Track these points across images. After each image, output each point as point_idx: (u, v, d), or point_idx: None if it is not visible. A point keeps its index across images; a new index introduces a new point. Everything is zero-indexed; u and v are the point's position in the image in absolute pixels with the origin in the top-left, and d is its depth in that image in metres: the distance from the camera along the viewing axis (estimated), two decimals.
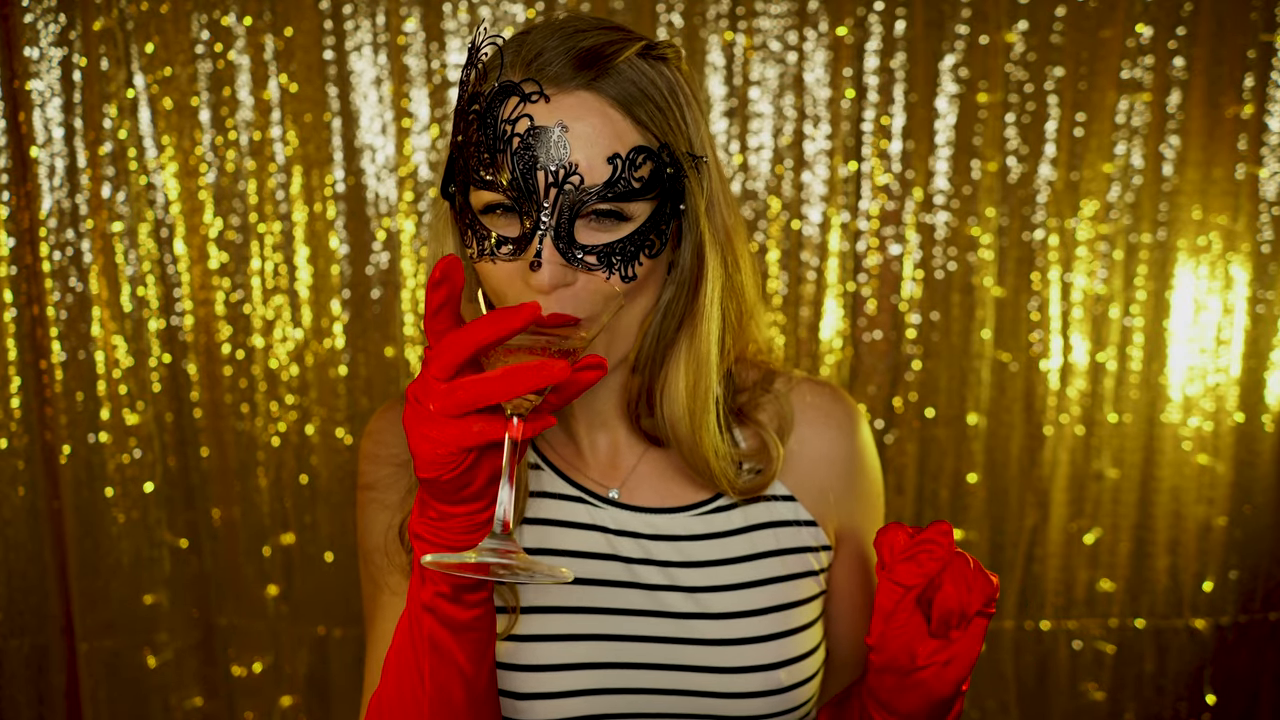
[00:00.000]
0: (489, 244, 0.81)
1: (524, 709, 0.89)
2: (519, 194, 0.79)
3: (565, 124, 0.78)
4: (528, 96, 0.78)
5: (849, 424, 1.03)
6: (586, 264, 0.80)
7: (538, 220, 0.78)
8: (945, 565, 0.78)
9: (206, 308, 2.01)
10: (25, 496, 1.97)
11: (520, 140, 0.77)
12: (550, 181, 0.78)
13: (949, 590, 0.77)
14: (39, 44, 1.89)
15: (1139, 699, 2.21)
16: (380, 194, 2.02)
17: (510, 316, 0.64)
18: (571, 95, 0.79)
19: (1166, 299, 2.11)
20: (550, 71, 0.79)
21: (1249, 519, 2.17)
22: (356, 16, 1.97)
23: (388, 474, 0.97)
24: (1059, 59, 2.03)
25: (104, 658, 2.01)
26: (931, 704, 0.79)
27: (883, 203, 2.08)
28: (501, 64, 0.80)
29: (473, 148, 0.80)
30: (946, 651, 0.78)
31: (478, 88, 0.81)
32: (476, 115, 0.80)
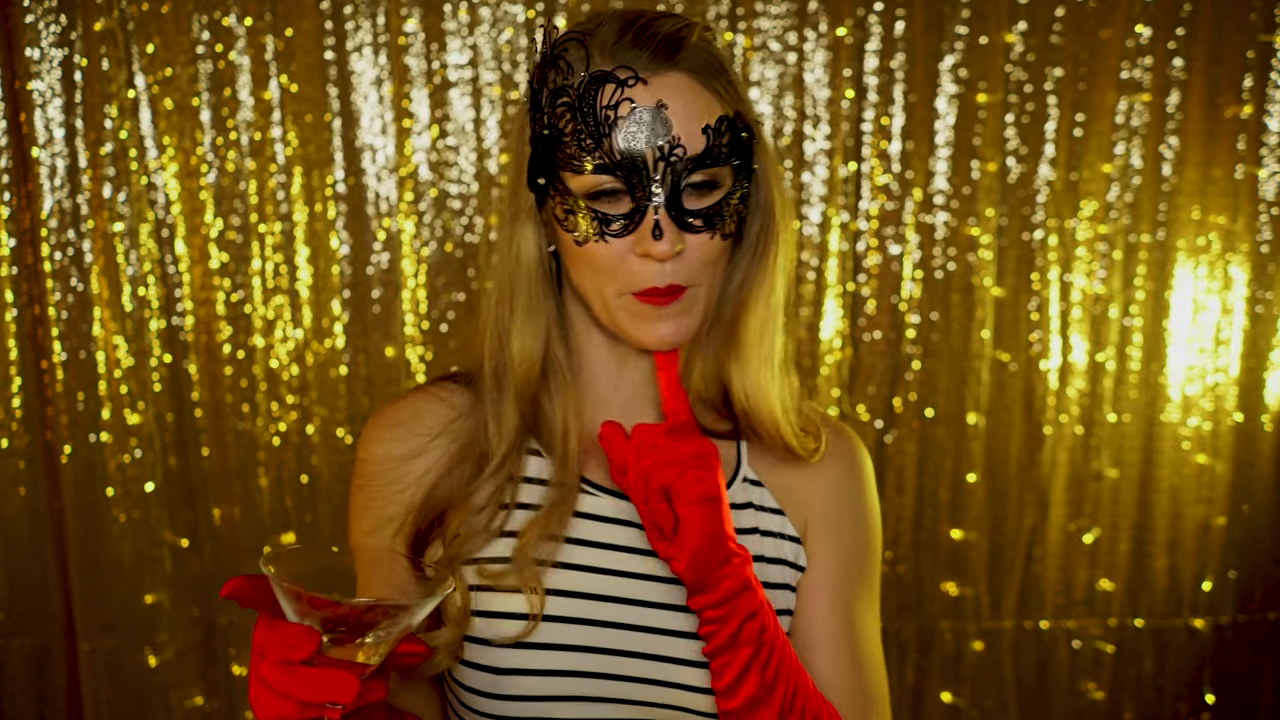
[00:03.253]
0: (597, 224, 0.87)
1: (501, 684, 0.90)
2: (629, 172, 0.85)
3: (664, 102, 0.85)
4: (624, 82, 0.84)
5: (853, 459, 1.03)
6: (694, 227, 0.87)
7: (649, 193, 0.85)
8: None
9: (207, 308, 2.01)
10: (26, 496, 1.98)
11: (624, 121, 0.84)
12: (658, 156, 0.84)
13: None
14: (40, 44, 1.89)
15: (1138, 698, 2.22)
16: (380, 194, 2.02)
17: (294, 647, 0.69)
18: (663, 76, 0.85)
19: (1166, 299, 2.11)
20: (641, 56, 0.85)
21: (1248, 518, 2.17)
22: (357, 17, 1.97)
23: (383, 471, 0.99)
24: (1058, 59, 2.04)
25: (105, 657, 2.01)
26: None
27: (882, 203, 2.08)
28: (587, 56, 0.86)
29: (569, 137, 0.86)
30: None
31: (559, 82, 0.87)
32: (567, 106, 0.86)
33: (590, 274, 0.90)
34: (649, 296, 0.87)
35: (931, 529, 2.16)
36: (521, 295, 0.95)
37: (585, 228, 0.87)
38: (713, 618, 0.84)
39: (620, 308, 0.90)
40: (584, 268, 0.90)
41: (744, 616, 0.84)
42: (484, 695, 0.92)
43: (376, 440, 1.00)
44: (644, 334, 0.90)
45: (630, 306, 0.89)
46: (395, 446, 0.99)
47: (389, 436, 0.99)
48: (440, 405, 1.00)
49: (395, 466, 0.98)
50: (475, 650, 0.92)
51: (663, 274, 0.86)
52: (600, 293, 0.90)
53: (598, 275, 0.89)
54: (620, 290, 0.89)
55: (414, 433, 0.99)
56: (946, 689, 2.20)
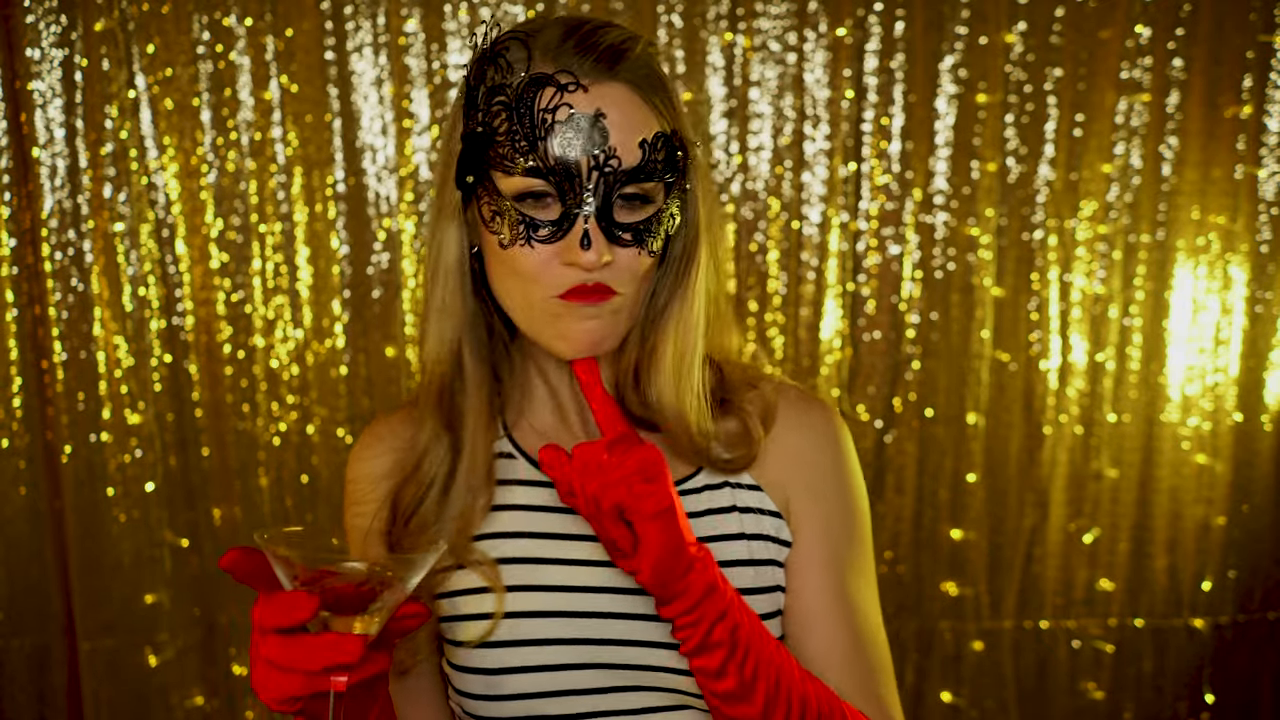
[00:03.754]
0: (523, 228, 0.86)
1: (496, 684, 0.91)
2: (561, 178, 0.84)
3: (603, 111, 0.84)
4: (564, 87, 0.83)
5: (827, 429, 1.01)
6: (623, 241, 0.86)
7: (581, 202, 0.84)
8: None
9: (207, 308, 2.02)
10: (26, 496, 1.98)
11: (562, 127, 0.83)
12: (592, 165, 0.84)
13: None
14: (40, 45, 1.89)
15: (1138, 698, 2.22)
16: (381, 194, 2.03)
17: (291, 610, 0.69)
18: (605, 85, 0.84)
19: (1165, 299, 2.12)
20: (583, 64, 0.84)
21: (1248, 518, 2.17)
22: (357, 17, 1.97)
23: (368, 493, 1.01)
24: (1058, 59, 2.04)
25: (105, 657, 2.01)
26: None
27: (882, 203, 2.08)
28: (529, 57, 0.85)
29: (503, 137, 0.85)
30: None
31: (497, 80, 0.86)
32: (504, 105, 0.85)
33: (512, 278, 0.88)
34: (574, 294, 0.86)
35: (931, 529, 2.16)
36: (438, 295, 0.94)
37: (511, 231, 0.86)
38: (685, 624, 0.84)
39: (544, 312, 0.88)
40: (507, 272, 0.88)
41: (714, 619, 0.84)
42: (484, 699, 0.92)
43: (357, 460, 1.02)
44: (564, 338, 0.88)
45: (553, 308, 0.87)
46: (374, 464, 1.01)
47: (367, 455, 1.02)
48: (408, 418, 1.02)
49: (375, 485, 1.00)
50: (468, 654, 0.93)
51: (587, 277, 0.85)
52: (522, 297, 0.89)
53: (521, 280, 0.88)
54: (546, 294, 0.87)
55: (392, 449, 1.01)
56: (946, 689, 2.20)
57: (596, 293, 0.86)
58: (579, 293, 0.86)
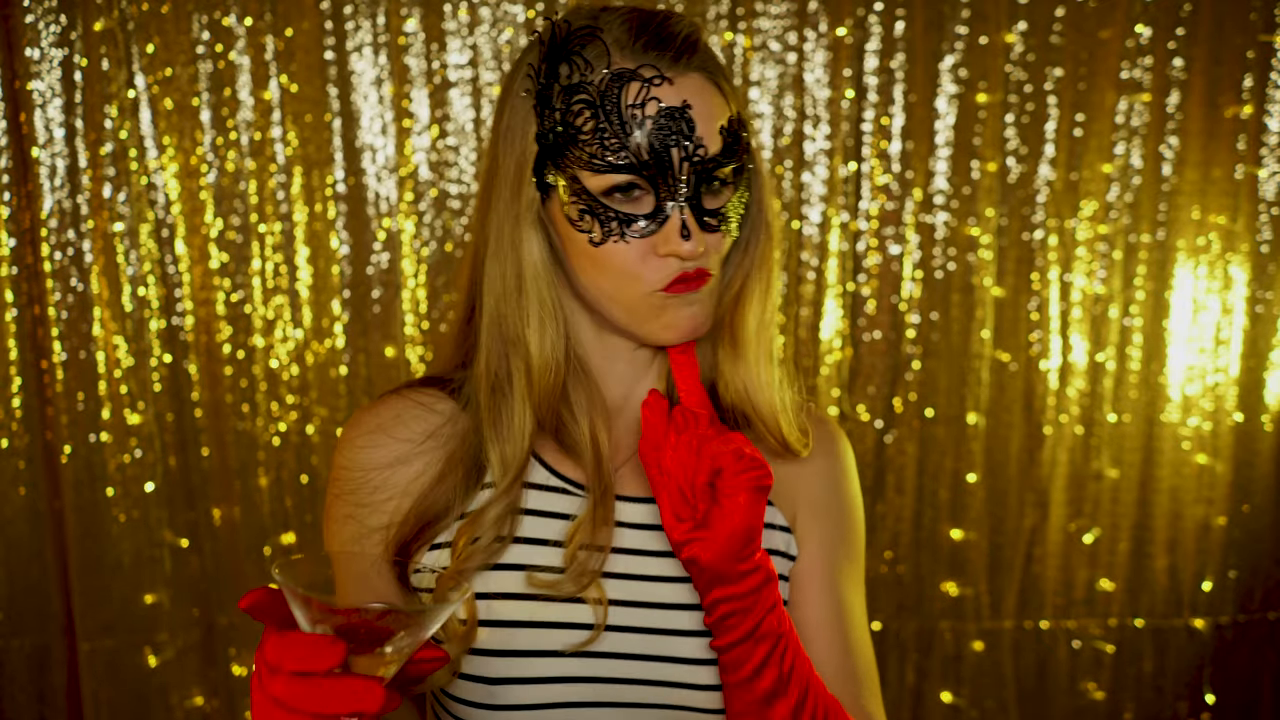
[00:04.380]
0: (616, 224, 0.86)
1: (499, 694, 0.89)
2: (655, 171, 0.85)
3: (688, 102, 0.85)
4: (649, 81, 0.84)
5: (834, 447, 1.04)
6: (712, 227, 0.88)
7: (675, 193, 0.85)
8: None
9: (207, 308, 2.01)
10: (26, 496, 1.98)
11: (654, 122, 0.84)
12: (684, 156, 0.85)
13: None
14: (40, 44, 1.89)
15: (1138, 698, 2.22)
16: (380, 194, 2.02)
17: (319, 656, 0.65)
18: (685, 76, 0.86)
19: (1166, 299, 2.12)
20: (663, 57, 0.85)
21: (1248, 518, 2.17)
22: (357, 17, 1.97)
23: (363, 480, 0.97)
24: (1058, 59, 2.04)
25: (105, 657, 2.01)
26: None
27: (882, 203, 2.08)
28: (607, 52, 0.85)
29: (589, 135, 0.85)
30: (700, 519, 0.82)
31: (575, 78, 0.86)
32: (586, 103, 0.85)
33: (607, 275, 0.88)
34: (678, 284, 0.87)
35: (931, 529, 2.16)
36: (533, 299, 0.92)
37: (603, 228, 0.86)
38: (733, 610, 0.83)
39: (647, 306, 0.88)
40: (600, 269, 0.88)
41: (765, 610, 0.84)
42: (477, 707, 0.90)
43: (357, 447, 0.96)
44: (668, 327, 0.89)
45: (656, 302, 0.88)
46: (377, 453, 0.96)
47: (370, 443, 0.96)
48: (422, 410, 0.97)
49: (379, 474, 0.95)
50: (467, 661, 0.91)
51: (687, 265, 0.87)
52: (620, 294, 0.89)
53: (617, 276, 0.88)
54: (649, 289, 0.87)
55: (397, 438, 0.96)
56: (946, 689, 2.20)
57: (698, 278, 0.87)
58: (682, 281, 0.87)
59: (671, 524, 0.84)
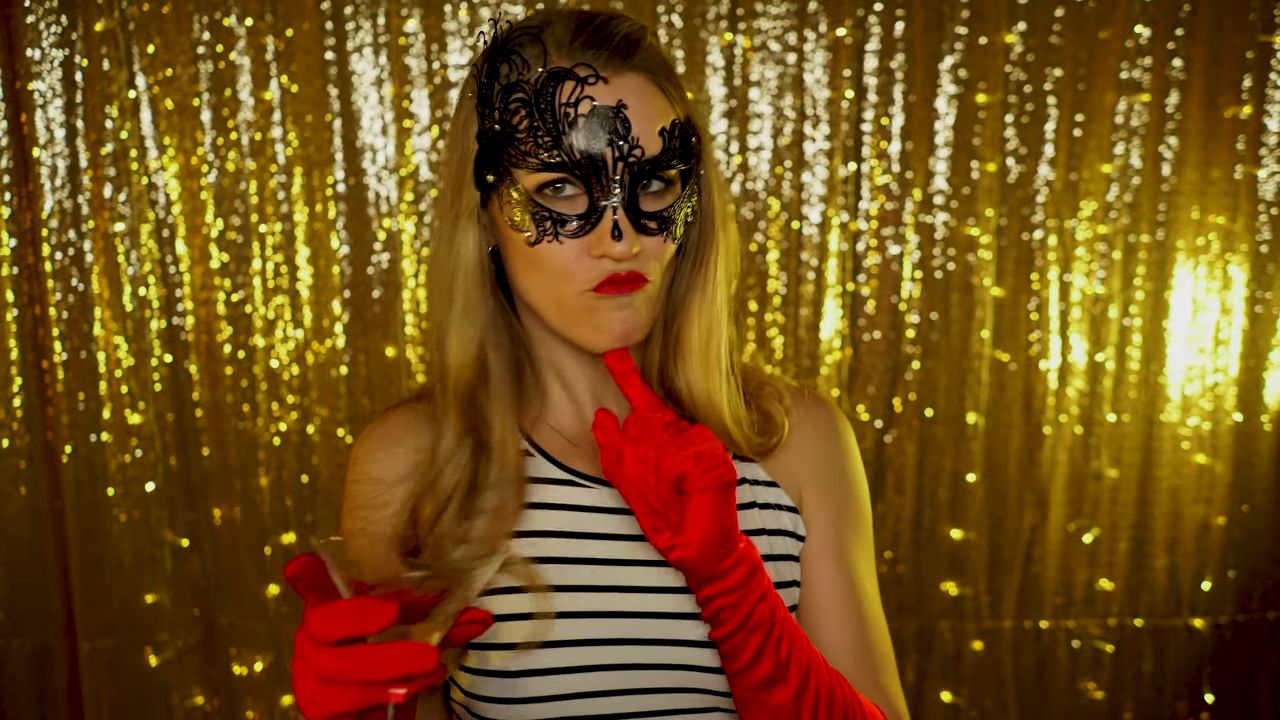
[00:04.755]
0: (550, 224, 0.86)
1: (517, 686, 0.90)
2: (588, 171, 0.84)
3: (624, 102, 0.84)
4: (584, 80, 0.84)
5: (833, 424, 1.04)
6: (649, 229, 0.87)
7: (608, 193, 0.84)
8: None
9: (208, 308, 2.02)
10: (27, 496, 1.98)
11: (585, 120, 0.83)
12: (617, 156, 0.84)
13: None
14: (41, 45, 1.89)
15: (1138, 698, 2.22)
16: (381, 194, 2.03)
17: (370, 618, 0.64)
18: (623, 76, 0.85)
19: (1165, 299, 2.12)
20: (600, 55, 0.84)
21: (1247, 518, 2.18)
22: (357, 17, 1.98)
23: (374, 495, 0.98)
24: (1058, 60, 2.04)
25: (105, 657, 2.01)
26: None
27: (882, 203, 2.08)
28: (544, 52, 0.85)
29: (524, 133, 0.84)
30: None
31: (513, 77, 0.86)
32: (522, 102, 0.84)
33: (541, 275, 0.88)
34: (608, 285, 0.86)
35: (931, 529, 2.16)
36: (459, 298, 0.93)
37: (537, 228, 0.86)
38: (725, 604, 0.83)
39: (577, 307, 0.88)
40: (534, 269, 0.88)
41: (755, 600, 0.84)
42: (498, 702, 0.91)
43: (366, 462, 0.99)
44: (600, 330, 0.88)
45: (586, 302, 0.87)
46: (387, 466, 0.98)
47: (377, 458, 0.98)
48: (423, 421, 0.99)
49: (387, 489, 0.97)
50: (484, 656, 0.91)
51: (619, 266, 0.86)
52: (552, 294, 0.88)
53: (550, 277, 0.87)
54: (579, 288, 0.87)
55: (408, 449, 0.98)
56: (946, 689, 2.20)
57: (630, 281, 0.86)
58: (612, 283, 0.86)
59: (650, 533, 0.84)
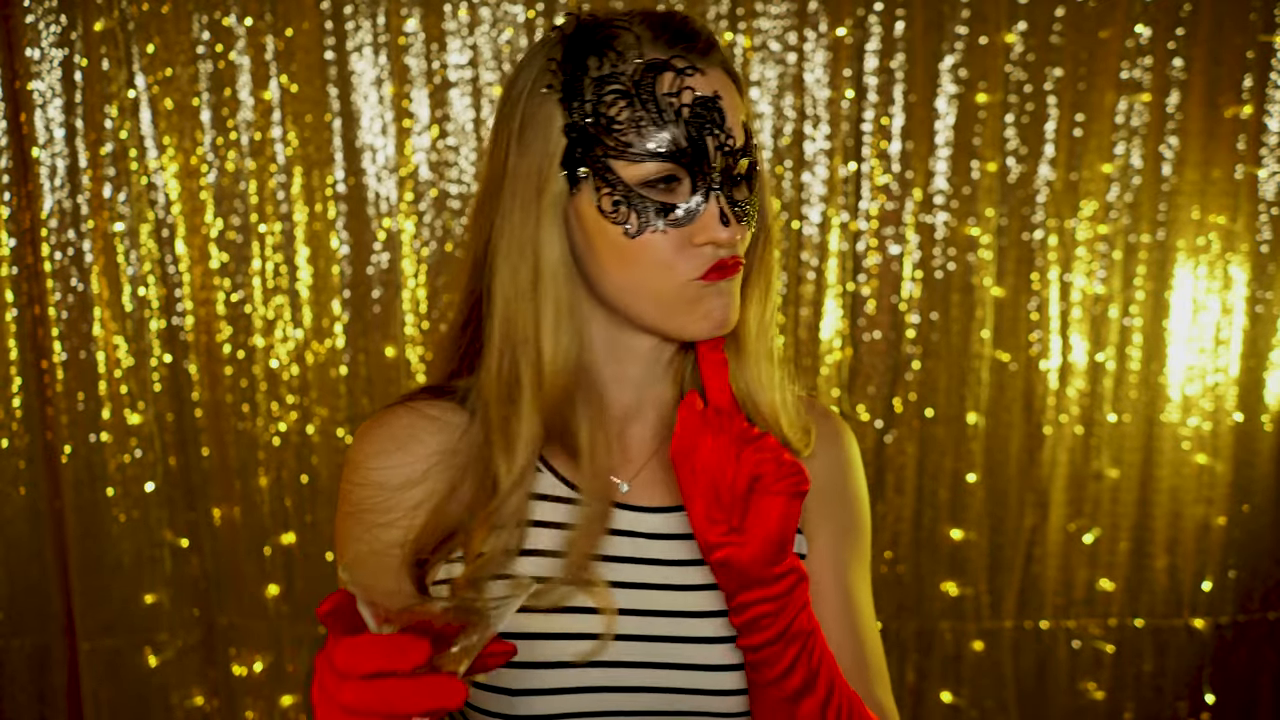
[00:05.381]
0: (653, 214, 0.86)
1: (519, 705, 0.89)
2: (694, 160, 0.85)
3: (718, 93, 0.86)
4: (683, 71, 0.85)
5: (841, 440, 1.03)
6: (740, 216, 0.88)
7: (711, 182, 0.86)
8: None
9: (207, 308, 2.02)
10: (26, 496, 1.98)
11: (690, 110, 0.84)
12: (717, 145, 0.85)
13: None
14: (40, 45, 1.89)
15: (1138, 698, 2.22)
16: (381, 194, 2.03)
17: (404, 655, 0.63)
18: (713, 70, 0.86)
19: (1165, 299, 2.12)
20: (692, 50, 0.86)
21: (1248, 518, 2.18)
22: (357, 17, 1.97)
23: (378, 499, 0.95)
24: (1058, 59, 2.04)
25: (105, 657, 2.01)
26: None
27: (882, 203, 2.08)
28: (640, 44, 0.85)
29: (624, 124, 0.85)
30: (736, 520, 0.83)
31: (606, 69, 0.86)
32: (620, 93, 0.85)
33: (639, 268, 0.87)
34: (715, 272, 0.86)
35: (931, 529, 2.16)
36: (549, 298, 0.89)
37: (640, 219, 0.85)
38: (765, 611, 0.83)
39: (681, 298, 0.87)
40: (633, 262, 0.86)
41: (798, 609, 0.84)
42: (497, 717, 0.90)
43: (370, 466, 0.94)
44: (704, 317, 0.88)
45: (692, 292, 0.87)
46: (391, 470, 0.93)
47: (384, 463, 0.94)
48: (434, 424, 0.95)
49: (394, 493, 0.93)
50: (496, 673, 0.89)
51: (724, 251, 0.87)
52: (651, 286, 0.87)
53: (649, 269, 0.86)
54: (684, 278, 0.86)
55: (412, 454, 0.94)
56: (946, 689, 2.20)
57: (734, 266, 0.87)
58: (719, 269, 0.86)
59: (704, 525, 0.83)
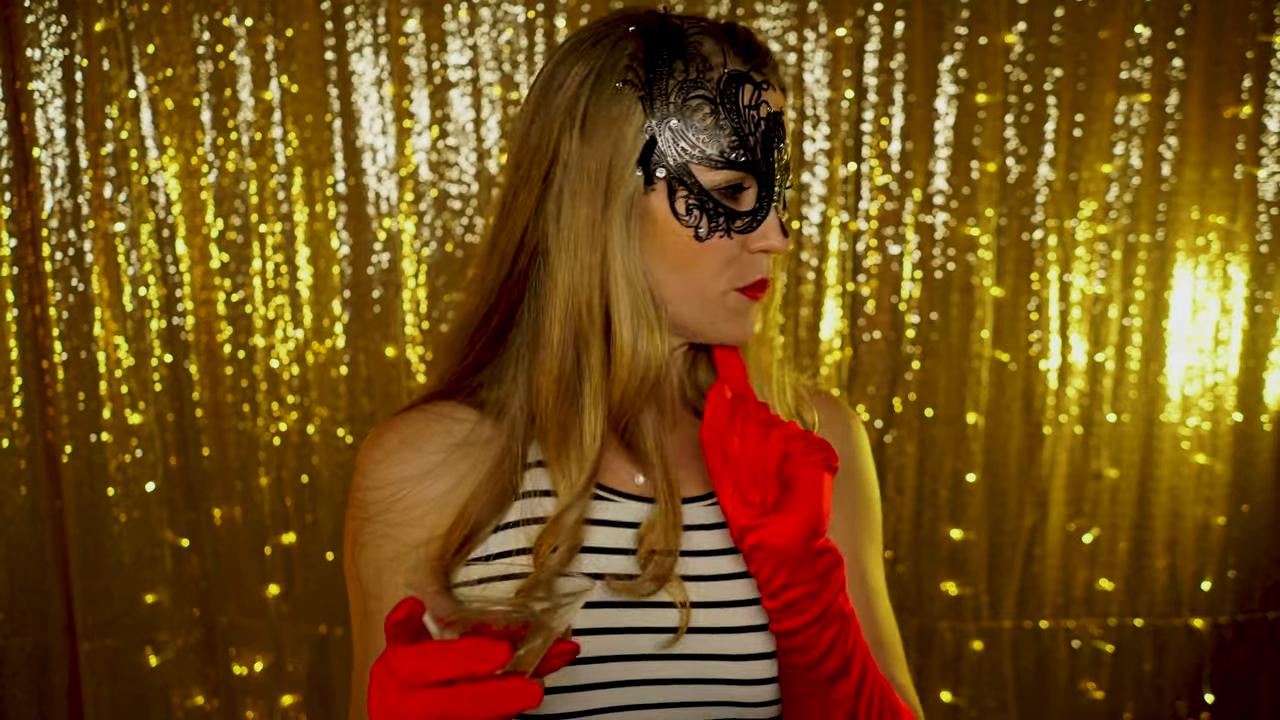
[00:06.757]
0: (723, 220, 0.89)
1: (545, 703, 0.89)
2: (764, 171, 0.89)
3: (783, 110, 0.91)
4: (760, 85, 0.88)
5: (849, 426, 1.04)
6: (787, 229, 0.93)
7: (773, 194, 0.90)
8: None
9: (208, 308, 2.02)
10: (27, 496, 1.98)
11: (766, 124, 0.89)
12: (779, 161, 0.90)
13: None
14: (41, 45, 1.89)
15: (1138, 698, 2.22)
16: (381, 194, 2.03)
17: (482, 659, 0.63)
18: (778, 87, 0.91)
19: (1165, 299, 2.12)
20: (763, 66, 0.89)
21: (1247, 518, 2.18)
22: (357, 17, 1.98)
23: (393, 500, 0.95)
24: (1058, 60, 2.04)
25: (105, 657, 2.01)
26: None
27: (882, 203, 2.08)
28: (724, 53, 0.88)
29: (707, 131, 0.88)
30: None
31: (692, 74, 0.88)
32: (705, 99, 0.87)
33: (697, 270, 0.89)
34: (755, 289, 0.91)
35: (931, 529, 2.16)
36: (625, 294, 0.89)
37: (710, 223, 0.89)
38: (804, 594, 0.84)
39: (723, 304, 0.91)
40: (690, 264, 0.89)
41: (836, 590, 0.85)
42: (521, 716, 0.89)
43: (385, 463, 0.93)
44: (736, 327, 0.92)
45: (733, 303, 0.91)
46: (407, 468, 0.93)
47: (398, 459, 0.93)
48: (446, 421, 0.94)
49: (412, 489, 0.92)
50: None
51: (769, 265, 0.92)
52: (701, 288, 0.90)
53: (706, 271, 0.89)
54: (731, 284, 0.90)
55: (425, 451, 0.93)
56: (946, 689, 2.20)
57: (762, 287, 0.92)
58: (759, 287, 0.91)
59: (738, 509, 0.85)
